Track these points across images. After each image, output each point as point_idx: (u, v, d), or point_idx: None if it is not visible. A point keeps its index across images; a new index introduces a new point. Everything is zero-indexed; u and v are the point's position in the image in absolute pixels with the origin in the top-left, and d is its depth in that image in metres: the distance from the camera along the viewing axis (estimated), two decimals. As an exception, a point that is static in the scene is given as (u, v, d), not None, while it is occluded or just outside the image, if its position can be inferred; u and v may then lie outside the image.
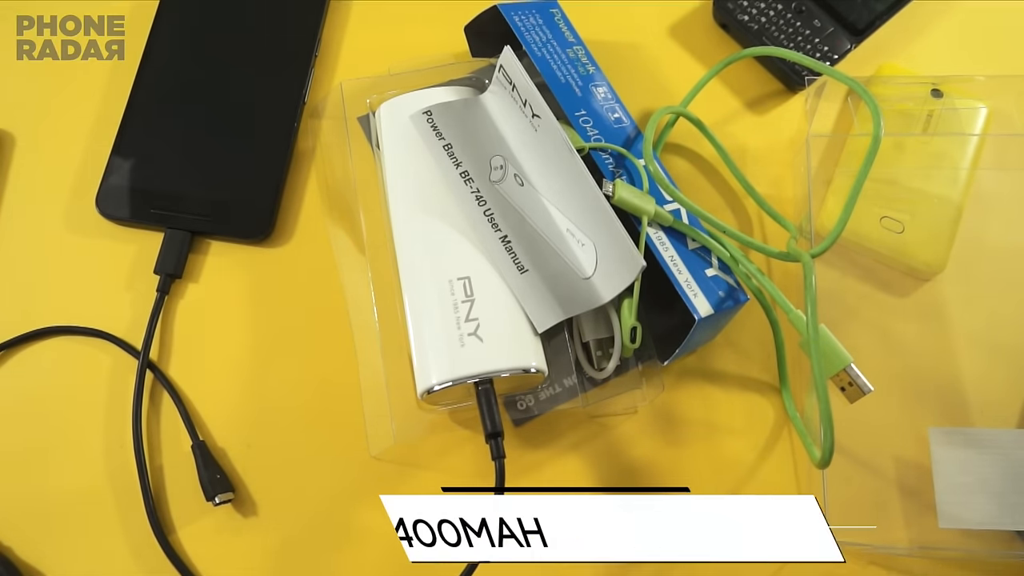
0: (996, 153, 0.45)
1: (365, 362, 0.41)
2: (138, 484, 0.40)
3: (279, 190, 0.45)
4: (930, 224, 0.43)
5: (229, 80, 0.47)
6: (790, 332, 0.42)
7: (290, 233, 0.45)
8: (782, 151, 0.47)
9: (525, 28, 0.43)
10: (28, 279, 0.44)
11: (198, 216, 0.44)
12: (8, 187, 0.45)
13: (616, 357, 0.39)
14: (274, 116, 0.46)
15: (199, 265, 0.44)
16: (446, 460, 0.41)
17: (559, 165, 0.39)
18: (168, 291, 0.43)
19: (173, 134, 0.46)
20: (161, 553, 0.39)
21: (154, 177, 0.45)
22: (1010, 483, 0.39)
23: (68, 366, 0.42)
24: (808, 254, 0.38)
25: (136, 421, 0.41)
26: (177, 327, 0.43)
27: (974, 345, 0.43)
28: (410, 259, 0.39)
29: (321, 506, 0.40)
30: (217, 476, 0.40)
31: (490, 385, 0.37)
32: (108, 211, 0.44)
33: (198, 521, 0.40)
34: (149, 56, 0.47)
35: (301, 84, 0.47)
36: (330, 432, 0.41)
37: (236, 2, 0.48)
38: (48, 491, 0.40)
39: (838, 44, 0.48)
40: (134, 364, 0.42)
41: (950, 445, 0.40)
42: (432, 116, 0.41)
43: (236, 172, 0.45)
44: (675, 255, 0.39)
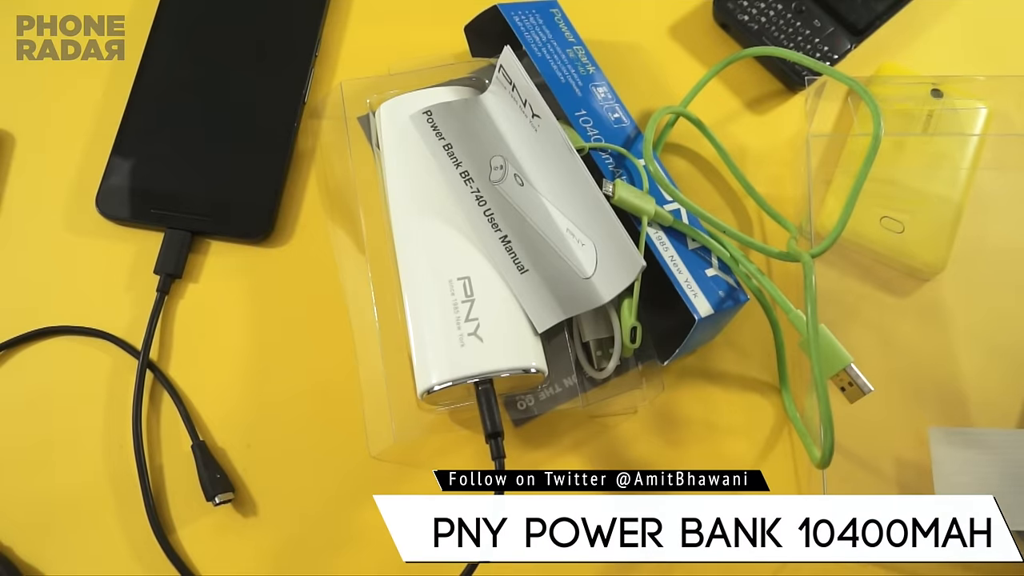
0: (996, 153, 0.45)
1: (365, 362, 0.41)
2: (138, 484, 0.40)
3: (279, 190, 0.45)
4: (930, 224, 0.43)
5: (229, 80, 0.47)
6: (790, 332, 0.42)
7: (290, 233, 0.45)
8: (782, 151, 0.47)
9: (525, 28, 0.43)
10: (28, 279, 0.44)
11: (198, 216, 0.44)
12: (8, 187, 0.45)
13: (616, 357, 0.39)
14: (274, 116, 0.46)
15: (199, 265, 0.44)
16: (446, 460, 0.41)
17: (559, 165, 0.39)
18: (168, 291, 0.43)
19: (173, 134, 0.46)
20: (161, 553, 0.39)
21: (154, 177, 0.45)
22: (1010, 483, 0.39)
23: (68, 366, 0.42)
24: (808, 254, 0.38)
25: (136, 421, 0.41)
26: (177, 327, 0.43)
27: (974, 345, 0.43)
28: (410, 259, 0.39)
29: (321, 506, 0.40)
30: (217, 476, 0.40)
31: (490, 385, 0.37)
32: (108, 211, 0.44)
33: (198, 521, 0.40)
34: (149, 56, 0.47)
35: (301, 84, 0.47)
36: (330, 432, 0.41)
37: (236, 1, 0.48)
38: (48, 491, 0.40)
39: (838, 44, 0.48)
40: (134, 364, 0.42)
41: (950, 445, 0.40)
42: (432, 116, 0.41)
43: (236, 172, 0.45)
44: (675, 255, 0.39)
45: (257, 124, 0.46)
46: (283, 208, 0.45)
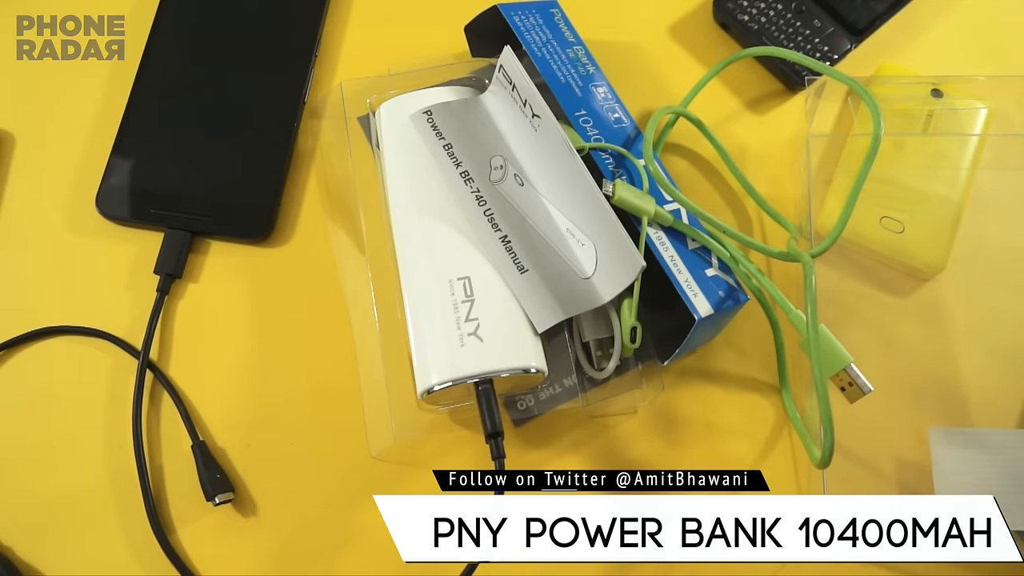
0: (996, 153, 0.45)
1: (365, 362, 0.41)
2: (138, 484, 0.40)
3: (279, 190, 0.45)
4: (930, 224, 0.44)
5: (229, 80, 0.47)
6: (790, 332, 0.42)
7: (290, 233, 0.45)
8: (782, 151, 0.47)
9: (525, 28, 0.43)
10: (28, 279, 0.44)
11: (198, 216, 0.44)
12: (8, 187, 0.45)
13: (616, 357, 0.39)
14: (274, 116, 0.46)
15: (199, 265, 0.44)
16: (446, 460, 0.41)
17: (559, 165, 0.39)
18: (168, 291, 0.43)
19: (173, 134, 0.46)
20: (161, 553, 0.39)
21: (154, 177, 0.45)
22: (1010, 483, 0.39)
23: (68, 366, 0.42)
24: (808, 254, 0.38)
25: (136, 421, 0.41)
26: (177, 327, 0.43)
27: (974, 345, 0.43)
28: (410, 259, 0.39)
29: (321, 506, 0.40)
30: (217, 476, 0.40)
31: (490, 385, 0.37)
32: (108, 211, 0.44)
33: (198, 521, 0.40)
34: (149, 56, 0.47)
35: (301, 84, 0.47)
36: (330, 432, 0.41)
37: (236, 1, 0.48)
38: (48, 491, 0.40)
39: (838, 44, 0.48)
40: (134, 364, 0.42)
41: (950, 445, 0.40)
42: (432, 116, 0.41)
43: (236, 172, 0.45)
44: (675, 255, 0.39)
45: (257, 124, 0.46)
46: (283, 208, 0.45)
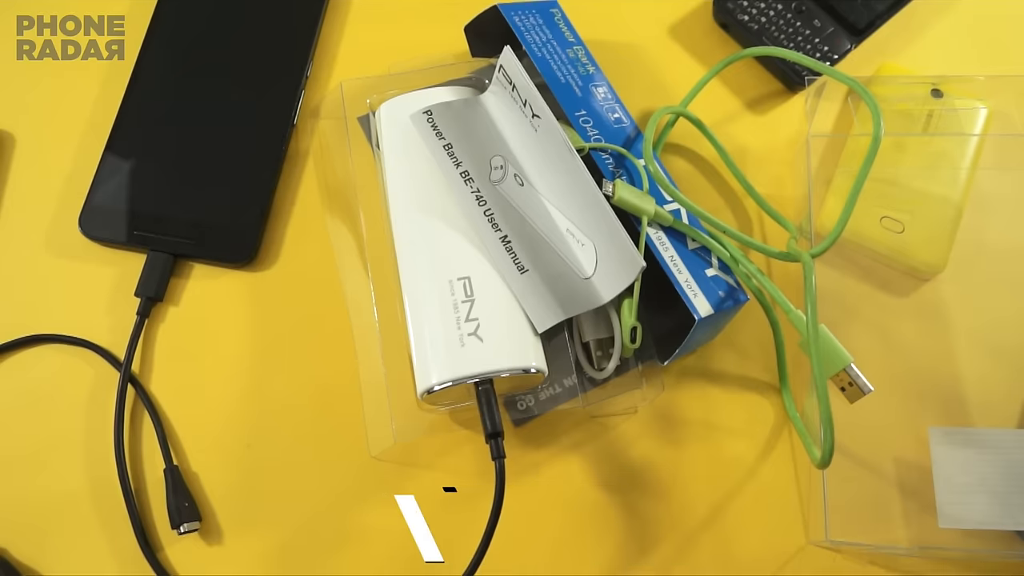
0: (996, 153, 0.45)
1: (365, 362, 0.41)
2: (133, 490, 0.40)
3: (264, 215, 0.44)
4: (930, 224, 0.44)
5: (215, 102, 0.46)
6: (790, 332, 0.42)
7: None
8: (782, 151, 0.47)
9: (525, 28, 0.43)
10: (26, 284, 0.44)
11: (181, 239, 0.43)
12: (8, 187, 0.45)
13: (616, 357, 0.39)
14: (261, 140, 0.45)
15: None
16: (446, 460, 0.41)
17: (559, 165, 0.39)
18: (148, 314, 0.43)
19: (157, 156, 0.45)
20: (157, 553, 0.39)
21: (137, 198, 0.44)
22: (1010, 483, 0.39)
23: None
24: (808, 254, 0.38)
25: (118, 443, 0.40)
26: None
27: (974, 345, 0.43)
28: (410, 259, 0.39)
29: (321, 507, 0.40)
30: (185, 504, 0.39)
31: (490, 385, 0.37)
32: (91, 232, 0.44)
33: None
34: (138, 71, 0.46)
35: (290, 108, 0.46)
36: (330, 433, 0.41)
37: (231, 5, 0.48)
38: (47, 492, 0.40)
39: (838, 44, 0.48)
40: (116, 378, 0.41)
41: (950, 445, 0.40)
42: (432, 116, 0.41)
43: (221, 195, 0.44)
44: (675, 255, 0.39)
45: (243, 149, 0.45)
46: (268, 231, 0.45)
